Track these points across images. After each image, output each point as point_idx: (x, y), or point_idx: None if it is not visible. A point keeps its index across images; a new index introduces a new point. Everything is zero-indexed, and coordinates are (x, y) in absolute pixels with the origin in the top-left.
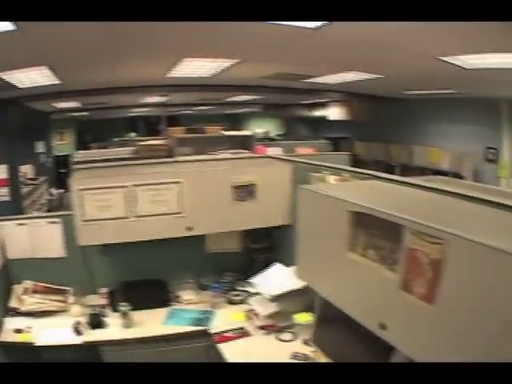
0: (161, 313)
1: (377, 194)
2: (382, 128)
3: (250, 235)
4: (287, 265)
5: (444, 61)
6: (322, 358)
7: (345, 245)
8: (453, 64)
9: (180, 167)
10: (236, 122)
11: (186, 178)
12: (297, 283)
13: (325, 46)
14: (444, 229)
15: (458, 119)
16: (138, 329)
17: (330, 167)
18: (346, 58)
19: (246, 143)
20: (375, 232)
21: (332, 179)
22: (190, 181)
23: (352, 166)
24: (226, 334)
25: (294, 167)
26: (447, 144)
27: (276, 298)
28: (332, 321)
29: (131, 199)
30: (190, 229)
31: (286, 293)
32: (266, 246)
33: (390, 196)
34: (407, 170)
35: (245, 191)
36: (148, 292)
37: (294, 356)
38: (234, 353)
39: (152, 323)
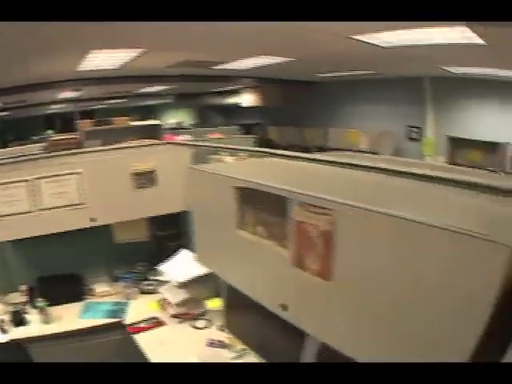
0: (77, 307)
1: (268, 171)
2: (296, 112)
3: (156, 223)
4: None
5: (358, 40)
6: (238, 344)
7: (234, 223)
8: (368, 43)
9: (80, 158)
10: (150, 113)
11: (85, 168)
12: (203, 268)
13: (231, 31)
14: (329, 198)
15: (378, 99)
16: (56, 324)
17: (228, 148)
18: (253, 42)
19: (154, 133)
20: (263, 208)
21: (229, 159)
22: (89, 171)
23: None
24: (140, 325)
25: (194, 152)
26: (366, 125)
27: (184, 285)
28: (240, 304)
29: (34, 193)
30: (93, 219)
31: (193, 279)
32: (174, 233)
33: (283, 172)
34: (323, 152)
35: (145, 178)
36: (63, 286)
37: (210, 343)
38: (149, 343)
39: (69, 318)
